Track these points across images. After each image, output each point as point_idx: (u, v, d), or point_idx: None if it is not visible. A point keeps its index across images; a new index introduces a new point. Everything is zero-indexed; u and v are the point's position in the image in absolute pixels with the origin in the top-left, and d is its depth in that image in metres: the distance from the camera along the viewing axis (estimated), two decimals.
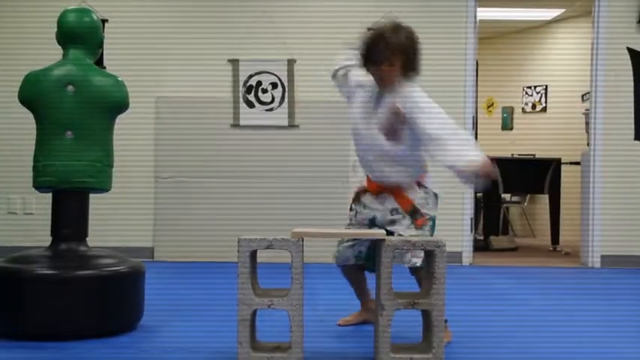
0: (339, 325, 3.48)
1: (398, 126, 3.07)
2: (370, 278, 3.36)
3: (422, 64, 3.16)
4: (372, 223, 3.27)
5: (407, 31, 3.10)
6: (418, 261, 3.08)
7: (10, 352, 2.89)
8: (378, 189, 3.23)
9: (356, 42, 3.16)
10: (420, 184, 3.22)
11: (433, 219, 3.25)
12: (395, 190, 3.19)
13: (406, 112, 3.04)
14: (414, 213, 3.17)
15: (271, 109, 5.99)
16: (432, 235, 3.23)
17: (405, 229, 3.16)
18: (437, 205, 3.27)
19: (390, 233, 3.23)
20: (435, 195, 3.26)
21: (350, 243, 3.33)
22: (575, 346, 3.16)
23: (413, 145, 3.11)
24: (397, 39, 3.04)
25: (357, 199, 3.35)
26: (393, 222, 3.20)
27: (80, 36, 3.34)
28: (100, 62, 5.52)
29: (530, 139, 8.76)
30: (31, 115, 3.33)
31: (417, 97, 3.07)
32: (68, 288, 3.06)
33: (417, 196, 3.19)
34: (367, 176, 3.30)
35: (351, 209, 3.38)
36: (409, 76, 3.11)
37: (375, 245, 3.05)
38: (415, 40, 3.12)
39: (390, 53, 3.03)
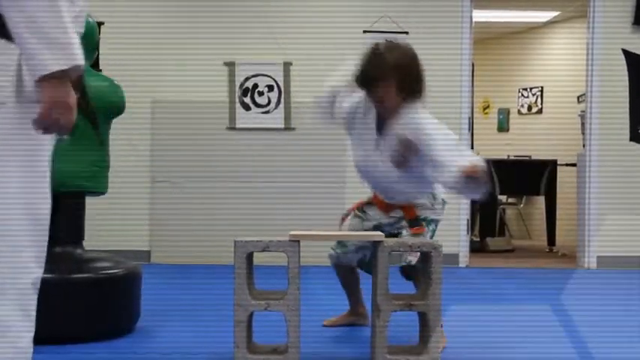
0: (325, 325, 3.46)
1: (409, 156, 2.97)
2: (366, 281, 3.36)
3: (426, 87, 3.03)
4: (378, 229, 3.23)
5: (404, 49, 3.01)
6: (413, 259, 3.02)
7: None
8: (388, 207, 3.21)
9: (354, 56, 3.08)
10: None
11: (435, 222, 3.21)
12: (404, 205, 3.16)
13: (415, 140, 2.92)
14: (414, 221, 3.15)
15: (267, 112, 5.99)
16: (431, 238, 3.23)
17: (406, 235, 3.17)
18: (443, 210, 3.24)
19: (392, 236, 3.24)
20: (443, 201, 3.21)
21: (354, 247, 3.27)
22: (572, 348, 3.17)
23: (423, 166, 3.00)
24: (391, 56, 2.93)
25: (360, 209, 3.32)
26: (399, 229, 3.21)
27: None
28: (95, 65, 5.50)
29: (526, 141, 8.76)
30: None
31: (422, 123, 2.95)
32: (64, 291, 3.05)
33: (424, 203, 3.15)
34: (374, 194, 3.27)
35: (355, 216, 3.33)
36: (409, 98, 2.99)
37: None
38: (413, 58, 3.00)
39: (384, 71, 2.91)
